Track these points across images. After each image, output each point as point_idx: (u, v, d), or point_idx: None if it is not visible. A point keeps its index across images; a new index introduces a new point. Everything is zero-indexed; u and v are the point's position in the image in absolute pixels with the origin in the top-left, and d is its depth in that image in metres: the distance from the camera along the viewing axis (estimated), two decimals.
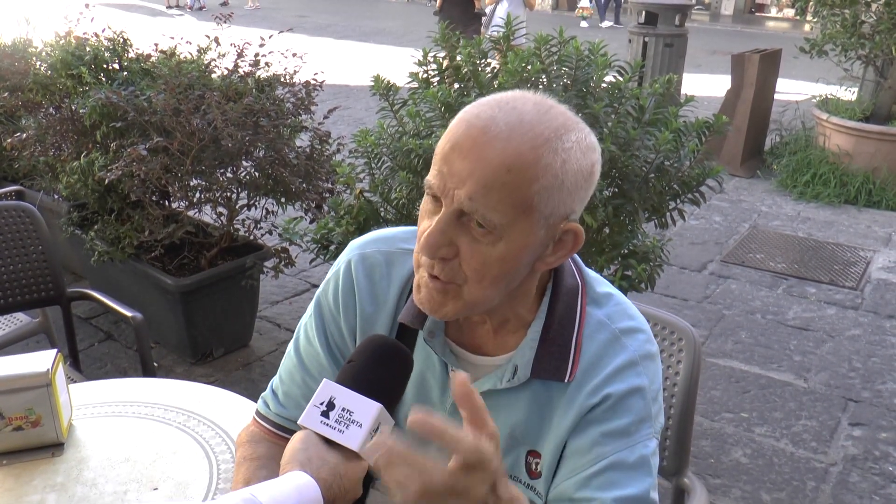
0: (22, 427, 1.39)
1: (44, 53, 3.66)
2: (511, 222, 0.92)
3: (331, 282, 1.19)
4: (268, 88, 3.24)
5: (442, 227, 0.94)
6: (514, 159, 0.90)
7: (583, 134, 0.96)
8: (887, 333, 3.82)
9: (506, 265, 0.96)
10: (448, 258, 0.96)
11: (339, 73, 9.81)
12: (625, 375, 1.05)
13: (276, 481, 0.93)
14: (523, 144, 0.91)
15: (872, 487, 2.72)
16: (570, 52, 2.35)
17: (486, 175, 0.90)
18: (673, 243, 4.59)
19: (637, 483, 1.02)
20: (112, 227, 3.20)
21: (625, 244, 2.37)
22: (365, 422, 0.97)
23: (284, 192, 3.13)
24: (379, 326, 1.15)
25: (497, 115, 0.93)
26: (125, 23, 4.14)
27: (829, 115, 6.06)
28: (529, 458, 1.11)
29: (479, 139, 0.91)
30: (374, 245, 1.18)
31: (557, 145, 0.92)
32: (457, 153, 0.92)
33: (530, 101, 0.96)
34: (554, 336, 1.06)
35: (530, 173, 0.91)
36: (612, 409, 1.04)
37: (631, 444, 1.03)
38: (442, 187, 0.94)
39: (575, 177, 0.94)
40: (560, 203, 0.94)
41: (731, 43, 14.41)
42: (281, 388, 1.22)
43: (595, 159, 0.98)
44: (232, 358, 3.40)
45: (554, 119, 0.94)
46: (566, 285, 1.08)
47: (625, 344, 1.07)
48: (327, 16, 18.22)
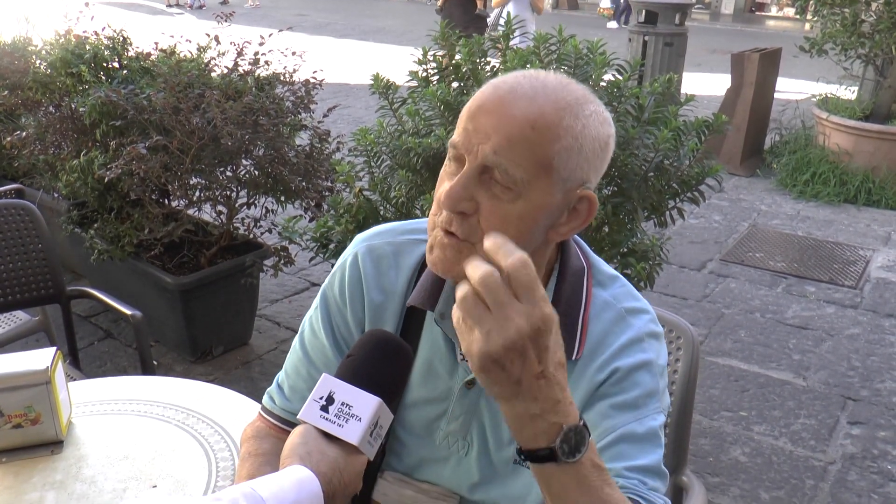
0: (21, 425, 1.39)
1: (44, 52, 3.66)
2: (531, 179, 0.95)
3: (336, 275, 1.20)
4: (267, 87, 3.24)
5: (465, 181, 0.96)
6: (538, 117, 0.94)
7: (600, 108, 1.01)
8: (886, 332, 3.83)
9: (523, 224, 0.98)
10: (468, 213, 0.98)
11: (339, 71, 9.81)
12: (632, 350, 1.07)
13: (276, 475, 0.93)
14: (547, 105, 0.95)
15: (871, 486, 2.72)
16: (570, 50, 2.35)
17: (512, 130, 0.93)
18: (672, 242, 4.59)
19: (648, 454, 1.04)
20: (112, 226, 3.20)
21: (624, 242, 2.37)
22: (364, 416, 0.98)
23: (284, 190, 3.13)
24: (389, 315, 1.16)
25: (522, 80, 0.97)
26: (125, 21, 4.14)
27: (828, 114, 6.06)
28: None
29: (505, 98, 0.95)
30: (381, 237, 1.19)
31: (578, 111, 0.96)
32: (483, 111, 0.96)
33: (551, 75, 1.01)
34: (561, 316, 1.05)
35: (552, 133, 0.94)
36: (620, 382, 1.06)
37: (640, 417, 1.05)
38: (467, 143, 0.97)
39: (592, 144, 0.98)
40: (578, 167, 0.97)
41: (731, 42, 14.41)
42: (287, 382, 1.23)
43: (610, 133, 1.02)
44: (231, 356, 3.40)
45: (575, 90, 0.99)
46: (572, 266, 1.11)
47: (630, 322, 1.09)
48: (327, 14, 18.22)
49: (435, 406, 1.17)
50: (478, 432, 1.16)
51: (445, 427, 1.17)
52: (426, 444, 1.20)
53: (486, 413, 1.14)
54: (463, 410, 1.15)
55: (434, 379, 1.16)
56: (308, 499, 0.91)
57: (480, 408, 1.15)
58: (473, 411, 1.15)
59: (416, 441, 1.20)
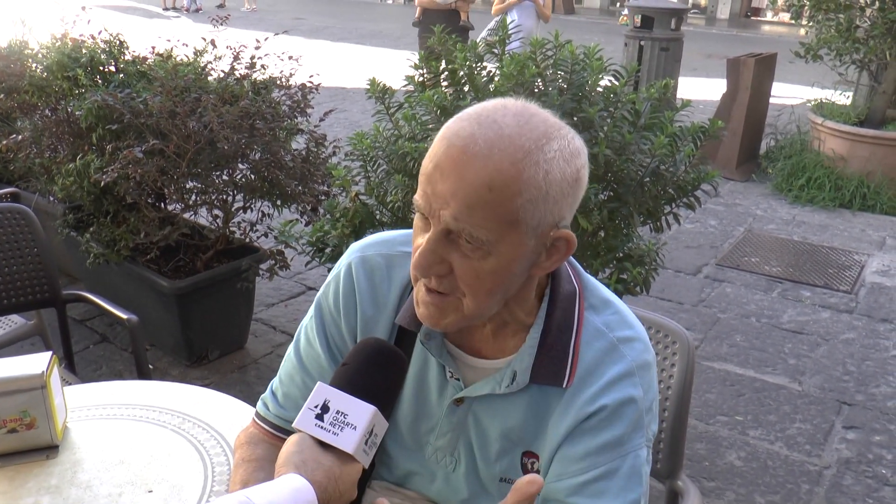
0: (16, 429, 1.39)
1: (40, 55, 3.66)
2: (499, 238, 0.93)
3: (331, 284, 1.19)
4: (264, 91, 3.24)
5: (432, 246, 0.95)
6: (495, 176, 0.90)
7: (565, 141, 0.96)
8: (881, 337, 3.84)
9: (499, 277, 0.97)
10: (443, 274, 0.97)
11: (336, 75, 9.82)
12: (620, 385, 1.05)
13: (271, 484, 0.93)
14: (503, 161, 0.90)
15: (866, 490, 2.73)
16: (566, 56, 2.36)
17: (469, 195, 0.90)
18: (668, 247, 4.60)
19: (628, 493, 1.04)
20: (108, 230, 3.20)
21: (620, 248, 2.38)
22: (359, 424, 0.98)
23: (280, 194, 3.13)
24: (380, 329, 1.16)
25: (476, 131, 0.92)
26: (121, 25, 4.14)
27: (823, 119, 6.09)
28: (525, 458, 1.12)
29: (459, 159, 0.91)
30: (374, 248, 1.18)
31: (539, 157, 0.92)
32: (439, 174, 0.93)
33: (511, 111, 0.95)
34: (552, 342, 1.06)
35: (512, 189, 0.91)
36: (607, 419, 1.05)
37: (623, 454, 1.05)
38: (428, 208, 0.95)
39: (559, 185, 0.94)
40: (546, 213, 0.94)
41: (727, 47, 14.45)
42: (280, 389, 1.23)
43: (580, 164, 0.97)
44: (227, 360, 3.40)
45: (534, 129, 0.93)
46: (563, 291, 1.09)
47: (623, 353, 1.07)
48: (324, 18, 18.23)
49: (425, 421, 1.17)
50: (465, 449, 1.16)
51: (434, 442, 1.17)
52: (416, 457, 1.20)
53: (473, 431, 1.14)
54: (451, 427, 1.15)
55: (425, 394, 1.16)
56: None
57: (468, 425, 1.15)
58: (461, 428, 1.15)
59: (406, 454, 1.20)
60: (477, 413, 1.13)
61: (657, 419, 1.12)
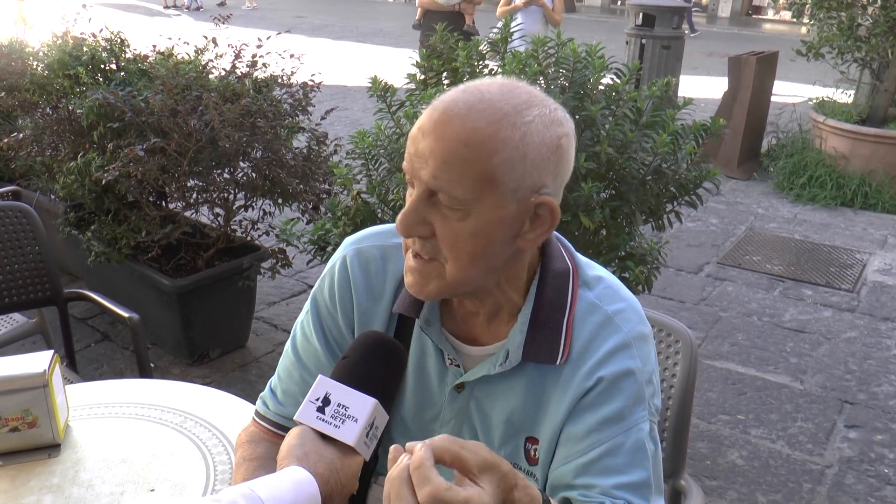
0: (18, 428, 1.39)
1: (41, 53, 3.66)
2: (476, 197, 0.95)
3: (326, 278, 1.20)
4: (265, 89, 3.24)
5: (414, 206, 0.98)
6: (471, 134, 0.93)
7: (547, 109, 0.98)
8: (883, 336, 3.83)
9: (479, 241, 0.98)
10: (425, 236, 0.99)
11: (337, 73, 9.81)
12: (618, 358, 1.06)
13: (274, 476, 0.94)
14: (480, 121, 0.94)
15: (868, 489, 2.73)
16: (568, 54, 2.35)
17: (446, 151, 0.94)
18: (670, 245, 4.59)
19: (635, 469, 1.04)
20: (109, 228, 3.20)
21: (622, 246, 2.37)
22: (360, 417, 0.99)
23: (281, 193, 3.13)
24: (377, 320, 1.16)
25: (459, 97, 0.97)
26: (122, 23, 4.13)
27: (825, 118, 6.08)
28: (528, 444, 1.13)
29: (439, 120, 0.95)
30: (369, 240, 1.19)
31: (517, 119, 0.95)
32: (420, 134, 0.97)
33: (497, 83, 0.99)
34: (544, 319, 1.07)
35: (488, 147, 0.93)
36: (605, 392, 1.05)
37: (626, 429, 1.05)
38: (411, 169, 0.98)
39: (538, 149, 0.96)
40: (525, 175, 0.96)
41: (728, 45, 14.43)
42: (280, 386, 1.23)
43: (561, 133, 0.99)
44: (229, 359, 3.40)
45: (516, 97, 0.97)
46: (555, 269, 1.10)
47: (618, 325, 1.08)
48: (325, 16, 18.22)
49: (428, 410, 1.18)
50: (469, 436, 1.16)
51: (438, 430, 1.18)
52: None
53: (476, 416, 1.15)
54: (454, 414, 1.16)
55: (426, 383, 1.17)
56: (306, 499, 0.92)
57: (471, 411, 1.15)
58: (464, 415, 1.16)
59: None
60: (479, 398, 1.14)
61: (660, 393, 1.12)
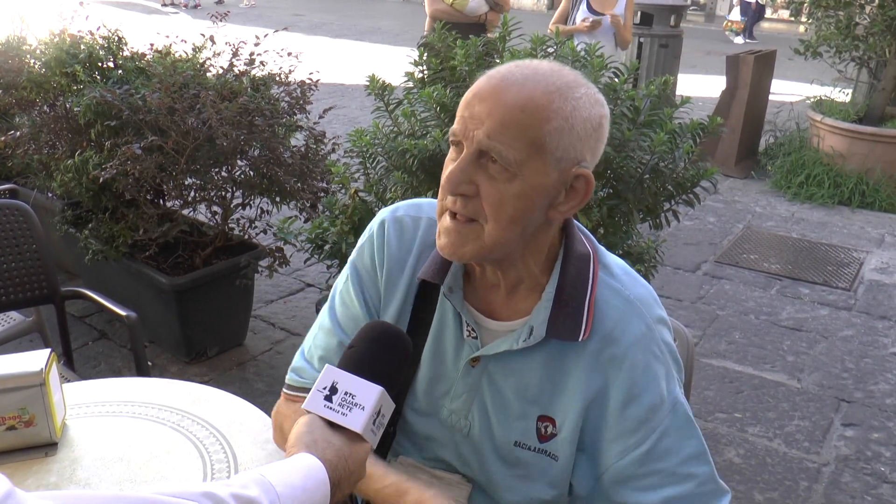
0: (15, 426, 1.39)
1: (38, 51, 3.65)
2: (525, 160, 1.01)
3: (365, 245, 1.25)
4: (263, 87, 3.23)
5: (464, 165, 1.03)
6: (528, 101, 1.00)
7: (592, 90, 1.06)
8: (879, 334, 3.84)
9: (521, 203, 1.03)
10: (469, 195, 1.04)
11: (335, 72, 9.80)
12: (644, 344, 1.11)
13: (283, 462, 0.95)
14: (536, 90, 1.01)
15: (864, 487, 2.73)
16: (566, 53, 2.36)
17: (502, 114, 1.00)
18: (667, 244, 4.59)
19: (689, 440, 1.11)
20: (106, 226, 3.19)
21: (619, 245, 2.38)
22: (367, 404, 1.01)
23: (279, 191, 3.13)
24: (400, 286, 1.21)
25: (514, 69, 1.04)
26: (120, 21, 4.12)
27: (823, 117, 6.08)
28: (539, 423, 1.15)
29: (497, 86, 1.02)
30: (404, 209, 1.25)
31: (568, 94, 1.02)
32: (478, 99, 1.03)
33: (546, 63, 1.07)
34: (567, 297, 1.11)
35: (542, 115, 1.00)
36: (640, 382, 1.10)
37: (669, 410, 1.11)
38: (463, 130, 1.03)
39: (584, 124, 1.03)
40: (570, 146, 1.03)
41: (726, 44, 14.44)
42: (316, 354, 1.26)
43: (603, 114, 1.07)
44: (226, 357, 3.39)
45: (566, 75, 1.05)
46: (577, 251, 1.14)
47: (640, 311, 1.13)
48: (323, 14, 18.20)
49: (441, 383, 1.21)
50: (479, 411, 1.18)
51: (449, 405, 1.20)
52: (432, 422, 1.23)
53: (487, 393, 1.17)
54: (466, 388, 1.18)
55: (441, 355, 1.20)
56: (315, 485, 0.94)
57: (482, 386, 1.17)
58: (475, 390, 1.18)
59: (423, 419, 1.23)
60: (492, 373, 1.16)
61: (682, 367, 1.18)
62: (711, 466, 1.12)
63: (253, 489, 0.87)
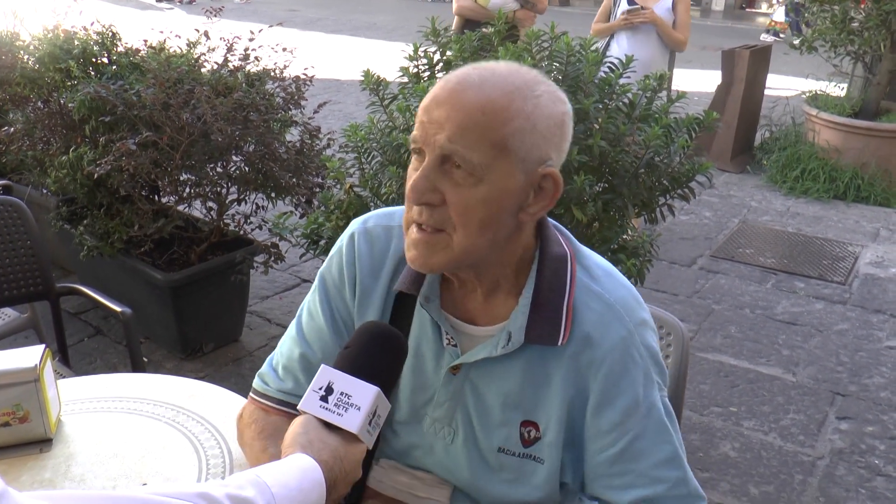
0: (9, 423, 1.39)
1: (31, 47, 3.63)
2: (489, 163, 0.99)
3: (334, 257, 1.23)
4: (258, 83, 3.22)
5: (427, 172, 1.01)
6: (487, 102, 0.98)
7: (552, 88, 1.05)
8: (874, 328, 3.85)
9: (489, 208, 1.01)
10: (434, 204, 1.01)
11: (330, 67, 9.78)
12: (623, 347, 1.10)
13: (279, 463, 0.95)
14: (495, 91, 0.99)
15: (859, 480, 2.74)
16: (562, 47, 2.35)
17: (462, 117, 0.98)
18: (663, 238, 4.59)
19: (662, 446, 1.10)
20: (101, 222, 3.19)
21: (614, 239, 2.38)
22: (363, 405, 1.00)
23: (274, 186, 3.12)
24: (375, 298, 1.19)
25: (471, 72, 1.02)
26: (114, 16, 4.11)
27: (818, 111, 6.09)
28: (523, 428, 1.15)
29: (454, 89, 1.00)
30: (374, 220, 1.23)
31: (528, 93, 1.00)
32: (436, 104, 1.01)
33: (503, 63, 1.06)
34: (545, 301, 1.10)
35: (503, 115, 0.98)
36: (617, 384, 1.09)
37: (645, 413, 1.10)
38: (424, 136, 1.01)
39: (546, 122, 1.01)
40: (534, 146, 1.01)
41: (722, 39, 14.44)
42: (281, 363, 1.26)
43: (565, 110, 1.05)
44: (222, 353, 3.39)
45: (525, 74, 1.03)
46: (553, 253, 1.12)
47: (620, 314, 1.11)
48: (318, 10, 18.15)
49: (422, 392, 1.20)
50: (463, 419, 1.17)
51: (431, 413, 1.19)
52: (414, 430, 1.22)
53: (470, 399, 1.16)
54: (448, 396, 1.17)
55: (421, 364, 1.19)
56: (311, 486, 0.94)
57: (465, 394, 1.16)
58: (458, 397, 1.17)
59: (405, 428, 1.22)
60: (474, 380, 1.15)
61: (665, 370, 1.16)
62: (685, 471, 1.12)
63: (248, 490, 0.88)
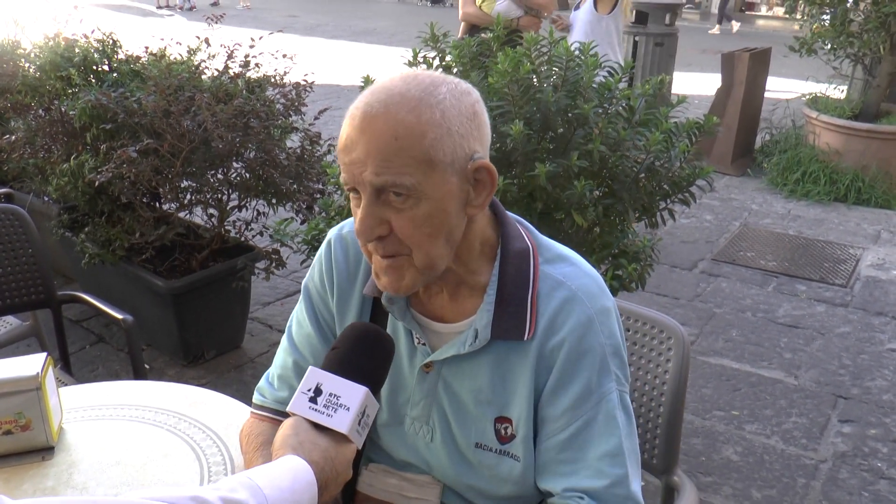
0: (12, 431, 1.39)
1: (32, 55, 3.64)
2: (421, 180, 1.00)
3: (315, 266, 1.27)
4: (258, 89, 3.23)
5: (368, 210, 1.02)
6: (397, 126, 0.99)
7: (452, 84, 1.05)
8: (876, 330, 3.85)
9: (436, 219, 1.03)
10: (385, 235, 1.04)
11: (330, 73, 9.79)
12: (581, 333, 1.10)
13: (270, 465, 0.96)
14: (400, 111, 0.99)
15: (861, 484, 2.74)
16: (561, 52, 2.35)
17: (379, 148, 0.99)
18: (664, 242, 4.60)
19: (608, 438, 1.10)
20: (103, 230, 3.19)
21: (615, 244, 2.38)
22: (352, 405, 1.01)
23: (275, 193, 3.12)
24: (352, 303, 1.22)
25: (370, 99, 1.02)
26: (115, 24, 4.12)
27: (818, 114, 6.09)
28: (498, 424, 1.16)
29: (362, 124, 1.01)
30: (350, 226, 1.25)
31: (431, 101, 1.01)
32: (351, 143, 1.01)
33: (398, 77, 1.06)
34: (509, 297, 1.11)
35: (416, 132, 0.99)
36: (572, 370, 1.10)
37: (596, 402, 1.10)
38: (351, 177, 1.02)
39: (458, 120, 1.02)
40: (456, 147, 1.02)
41: (722, 42, 14.45)
42: (275, 373, 1.29)
43: (473, 100, 1.06)
44: (224, 360, 3.39)
45: (421, 82, 1.03)
46: (514, 248, 1.14)
47: (581, 301, 1.12)
48: (318, 16, 18.19)
49: (401, 393, 1.22)
50: (439, 417, 1.19)
51: (410, 413, 1.22)
52: (397, 431, 1.24)
53: (444, 397, 1.18)
54: (423, 395, 1.19)
55: (399, 365, 1.21)
56: (303, 487, 0.94)
57: (438, 391, 1.18)
58: (432, 395, 1.19)
59: (388, 429, 1.25)
60: (446, 378, 1.17)
61: (626, 364, 1.16)
62: (627, 472, 1.09)
63: (241, 492, 0.88)
